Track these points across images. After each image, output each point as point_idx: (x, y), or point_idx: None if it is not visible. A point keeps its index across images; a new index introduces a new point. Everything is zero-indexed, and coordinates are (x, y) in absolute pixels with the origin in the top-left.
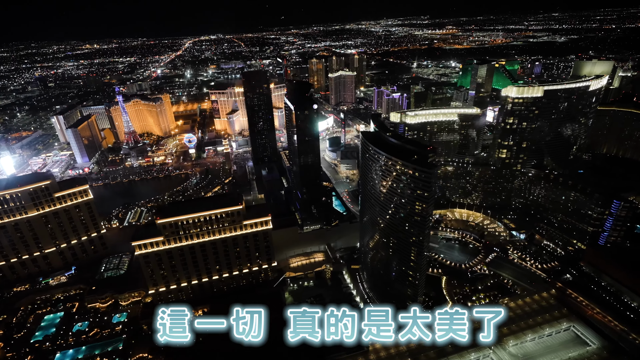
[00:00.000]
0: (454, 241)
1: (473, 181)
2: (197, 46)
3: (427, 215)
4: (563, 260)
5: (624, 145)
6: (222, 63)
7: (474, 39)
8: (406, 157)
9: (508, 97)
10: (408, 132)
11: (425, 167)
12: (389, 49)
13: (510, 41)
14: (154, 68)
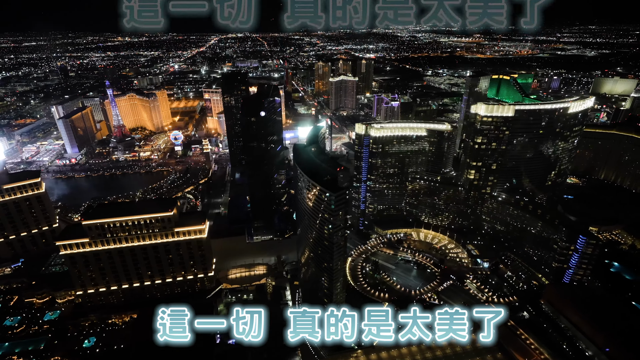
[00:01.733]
0: (413, 264)
1: (440, 201)
2: (222, 43)
3: (335, 241)
4: (523, 295)
5: (623, 172)
6: (238, 61)
7: (498, 49)
8: (317, 177)
9: (477, 115)
10: (373, 146)
11: (330, 189)
12: (409, 55)
13: (537, 53)
14: (172, 63)
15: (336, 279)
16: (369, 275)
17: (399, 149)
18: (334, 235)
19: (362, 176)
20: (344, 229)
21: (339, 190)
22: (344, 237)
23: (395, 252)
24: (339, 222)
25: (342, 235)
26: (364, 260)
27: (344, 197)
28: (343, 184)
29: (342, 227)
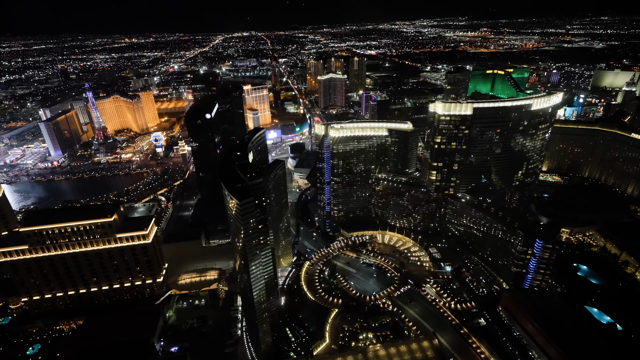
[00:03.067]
0: (374, 268)
1: (405, 203)
2: (226, 43)
3: (248, 251)
4: (483, 301)
5: (607, 169)
6: (238, 60)
7: (503, 43)
8: (230, 183)
9: (435, 114)
10: (333, 147)
11: (237, 196)
12: (411, 50)
13: (542, 46)
14: (173, 63)
15: (257, 288)
16: (325, 280)
17: (361, 150)
18: (247, 245)
19: (325, 178)
20: (259, 238)
21: (246, 197)
22: (262, 246)
23: (358, 255)
24: (251, 230)
25: (259, 244)
26: (324, 264)
27: (251, 205)
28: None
29: (256, 235)
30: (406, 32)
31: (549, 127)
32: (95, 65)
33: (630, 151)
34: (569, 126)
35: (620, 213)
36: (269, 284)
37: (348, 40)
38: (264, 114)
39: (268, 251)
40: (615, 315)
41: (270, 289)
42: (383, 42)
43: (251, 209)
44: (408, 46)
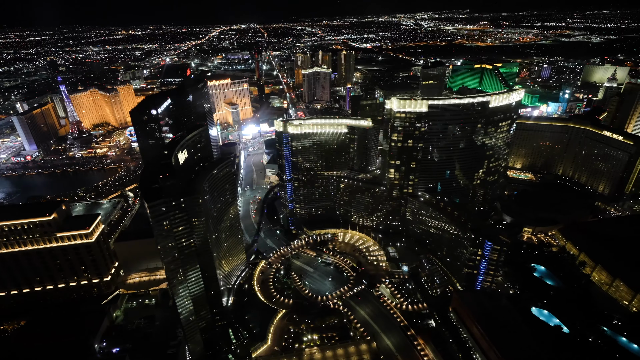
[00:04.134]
0: (332, 266)
1: (365, 201)
2: (222, 35)
3: (165, 254)
4: (435, 302)
5: (580, 167)
6: (231, 53)
7: (501, 36)
8: (144, 184)
9: (391, 111)
10: (293, 144)
11: (146, 197)
12: (407, 44)
13: (540, 40)
14: (165, 56)
15: (176, 294)
16: (279, 279)
17: (321, 147)
18: (164, 249)
19: (286, 175)
20: (181, 241)
21: (155, 199)
22: (175, 250)
23: (317, 254)
24: (165, 234)
25: (174, 248)
26: (281, 263)
27: (159, 208)
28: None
29: (173, 239)
30: (405, 25)
31: (511, 125)
32: (87, 58)
33: (601, 149)
34: (542, 123)
35: (585, 212)
36: (197, 298)
37: (345, 33)
38: (245, 109)
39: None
40: (563, 318)
41: (200, 304)
42: (380, 35)
43: (161, 212)
44: (405, 39)
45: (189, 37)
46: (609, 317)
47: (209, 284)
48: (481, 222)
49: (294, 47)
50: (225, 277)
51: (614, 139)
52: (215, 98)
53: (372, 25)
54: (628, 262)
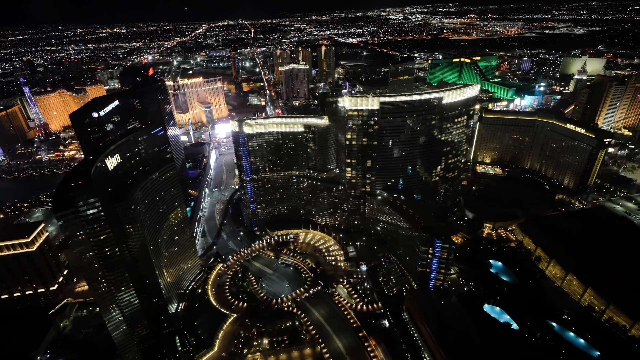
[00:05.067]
0: (292, 268)
1: (325, 201)
2: (209, 32)
3: (85, 263)
4: (391, 301)
5: (546, 160)
6: (215, 50)
7: (486, 30)
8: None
9: (344, 108)
10: (250, 144)
11: (56, 207)
12: (393, 38)
13: (524, 32)
14: (148, 54)
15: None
16: (235, 283)
17: (279, 146)
18: (82, 260)
19: (245, 176)
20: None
21: (64, 209)
22: (98, 261)
23: (277, 255)
24: (80, 245)
25: (95, 259)
26: (241, 266)
27: (71, 219)
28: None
29: (87, 249)
30: (394, 19)
31: (467, 121)
32: (67, 57)
33: (565, 142)
34: (509, 117)
35: (545, 206)
36: (132, 307)
37: (333, 28)
38: (219, 107)
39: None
40: (514, 314)
41: (136, 313)
42: (367, 30)
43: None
44: (392, 34)
45: (174, 35)
46: (559, 313)
47: (150, 291)
48: (433, 221)
49: (280, 43)
50: (175, 282)
51: (577, 132)
52: (189, 97)
53: (360, 20)
54: (581, 256)
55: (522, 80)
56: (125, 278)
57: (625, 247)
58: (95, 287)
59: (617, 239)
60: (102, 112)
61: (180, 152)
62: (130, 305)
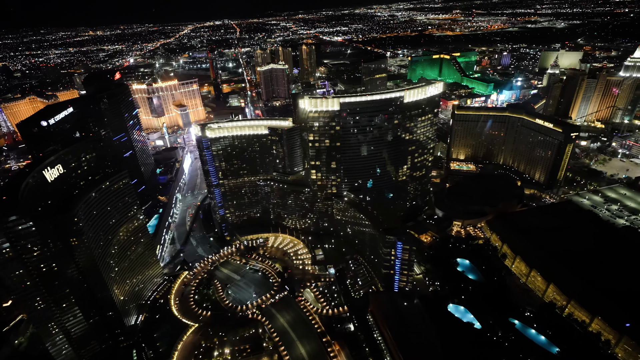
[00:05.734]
0: (260, 273)
1: (294, 203)
2: (194, 33)
3: (13, 281)
4: (358, 304)
5: (518, 155)
6: (198, 52)
7: (471, 25)
8: None
9: (304, 110)
10: (213, 148)
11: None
12: (377, 36)
13: (507, 27)
14: (130, 57)
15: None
16: (200, 291)
17: (244, 150)
18: (10, 278)
19: (212, 180)
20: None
21: None
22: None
23: (247, 260)
24: (7, 262)
25: (27, 276)
26: (208, 272)
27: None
28: None
29: (15, 267)
30: (380, 16)
31: (432, 119)
32: (47, 62)
33: (535, 137)
34: (481, 113)
35: (514, 202)
36: (77, 330)
37: (319, 27)
38: (196, 110)
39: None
40: (478, 313)
41: (82, 337)
42: (353, 28)
43: None
44: (377, 31)
45: (158, 36)
46: (522, 310)
47: (103, 305)
48: (396, 221)
49: (265, 43)
50: (134, 294)
51: (545, 126)
52: (164, 100)
53: (347, 17)
54: (545, 252)
55: (502, 75)
56: (65, 295)
57: (589, 242)
58: (30, 307)
59: (581, 234)
60: (52, 121)
61: (148, 157)
62: (75, 322)
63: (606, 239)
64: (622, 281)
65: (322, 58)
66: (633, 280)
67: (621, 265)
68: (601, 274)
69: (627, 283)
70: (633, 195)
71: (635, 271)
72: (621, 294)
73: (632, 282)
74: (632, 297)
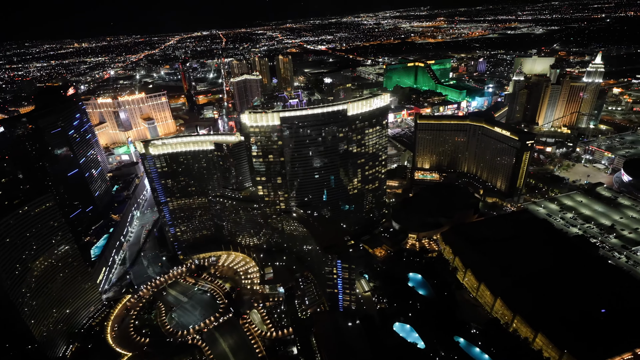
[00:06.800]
0: (208, 294)
1: (243, 220)
2: (180, 44)
3: None
4: (305, 324)
5: (479, 163)
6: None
7: (452, 32)
8: None
9: (245, 125)
10: (157, 165)
11: None
12: (361, 44)
13: (488, 33)
14: (110, 69)
15: None
16: (140, 316)
17: (190, 166)
18: None
19: (160, 198)
20: None
21: None
22: None
23: (196, 281)
24: None
25: None
26: (155, 295)
27: None
28: None
29: None
30: (366, 24)
31: (381, 131)
32: (25, 76)
33: (494, 145)
34: (442, 122)
35: (470, 212)
36: None
37: (305, 36)
38: (166, 123)
39: None
40: (422, 332)
41: None
42: (338, 36)
43: None
44: (360, 39)
45: (144, 47)
46: (468, 327)
47: (19, 339)
48: (339, 238)
49: (249, 53)
50: (63, 322)
51: (503, 134)
52: (131, 114)
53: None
54: (493, 264)
55: (477, 82)
56: None
57: (539, 252)
58: None
59: (532, 244)
60: None
61: (102, 175)
62: None
63: (557, 249)
64: (568, 294)
65: (303, 67)
66: (579, 292)
67: (569, 277)
68: (548, 287)
69: (573, 296)
70: (589, 202)
71: (582, 283)
72: (566, 308)
73: (578, 295)
74: (576, 310)
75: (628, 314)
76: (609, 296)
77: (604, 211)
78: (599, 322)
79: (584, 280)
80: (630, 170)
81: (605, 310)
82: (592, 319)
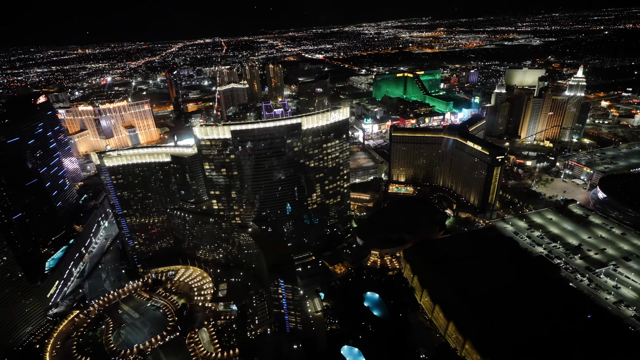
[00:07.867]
0: (161, 310)
1: (201, 234)
2: (181, 51)
3: None
4: (253, 346)
5: (454, 177)
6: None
7: (450, 42)
8: None
9: (196, 138)
10: (113, 177)
11: None
12: (358, 53)
13: (485, 44)
14: (108, 75)
15: None
16: (85, 333)
17: (147, 178)
18: None
19: (117, 210)
20: None
21: None
22: None
23: (150, 296)
24: None
25: None
26: (106, 310)
27: None
28: None
29: None
30: (367, 33)
31: (341, 145)
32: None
33: (467, 159)
34: (417, 135)
35: (434, 229)
36: None
37: (305, 44)
38: (148, 131)
39: None
40: (371, 356)
41: None
42: (337, 45)
43: None
44: (359, 49)
45: (146, 54)
46: (418, 352)
47: None
48: (285, 256)
49: (247, 61)
50: None
51: (475, 149)
52: (113, 122)
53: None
54: (450, 285)
55: (467, 93)
56: None
57: (500, 273)
58: None
59: (494, 264)
60: None
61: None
62: None
63: (518, 270)
64: (522, 318)
65: (298, 76)
66: (534, 316)
67: (525, 299)
68: (502, 310)
69: (527, 320)
70: (559, 220)
71: (539, 306)
72: (517, 333)
73: (532, 319)
74: (528, 335)
75: (580, 338)
76: (564, 321)
77: (573, 230)
78: (551, 348)
79: (541, 303)
80: (605, 187)
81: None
82: (544, 344)
